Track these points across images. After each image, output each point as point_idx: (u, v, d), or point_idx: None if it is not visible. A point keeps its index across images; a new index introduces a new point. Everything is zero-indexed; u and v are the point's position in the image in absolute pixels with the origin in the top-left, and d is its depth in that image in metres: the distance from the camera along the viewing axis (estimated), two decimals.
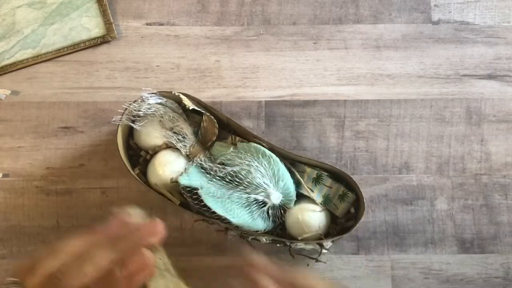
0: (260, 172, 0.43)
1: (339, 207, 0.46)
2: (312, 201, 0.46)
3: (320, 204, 0.46)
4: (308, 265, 0.47)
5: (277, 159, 0.44)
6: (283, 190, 0.44)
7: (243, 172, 0.44)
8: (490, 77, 0.52)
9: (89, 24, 0.52)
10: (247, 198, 0.44)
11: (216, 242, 0.49)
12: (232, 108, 0.51)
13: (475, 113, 0.51)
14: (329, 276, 0.49)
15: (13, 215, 0.49)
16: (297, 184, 0.46)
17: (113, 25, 0.51)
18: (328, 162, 0.48)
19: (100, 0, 0.52)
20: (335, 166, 0.46)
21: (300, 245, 0.45)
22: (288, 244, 0.45)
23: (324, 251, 0.46)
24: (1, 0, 0.52)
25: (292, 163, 0.47)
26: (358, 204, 0.46)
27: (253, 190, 0.43)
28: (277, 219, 0.46)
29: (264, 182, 0.43)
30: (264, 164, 0.43)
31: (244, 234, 0.45)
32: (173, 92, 0.46)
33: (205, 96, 0.51)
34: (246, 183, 0.43)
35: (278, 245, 0.45)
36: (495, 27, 0.53)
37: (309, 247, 0.45)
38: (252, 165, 0.43)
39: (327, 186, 0.46)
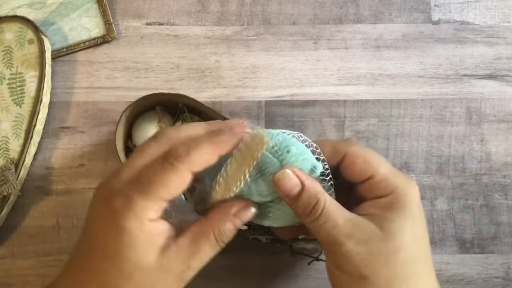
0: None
1: None
2: None
3: None
4: (309, 264, 0.47)
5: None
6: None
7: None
8: (490, 77, 0.52)
9: (89, 24, 0.52)
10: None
11: None
12: (232, 108, 0.51)
13: (475, 113, 0.51)
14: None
15: (13, 215, 0.49)
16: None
17: (113, 25, 0.51)
18: None
19: (100, 0, 0.52)
20: None
21: (301, 244, 0.45)
22: (288, 243, 0.45)
23: None
24: (1, 0, 0.52)
25: None
26: None
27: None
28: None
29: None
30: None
31: (244, 234, 0.45)
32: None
33: (205, 96, 0.51)
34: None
35: (278, 244, 0.45)
36: (495, 27, 0.53)
37: (310, 246, 0.45)
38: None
39: None
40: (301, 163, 0.34)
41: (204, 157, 0.32)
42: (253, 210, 0.34)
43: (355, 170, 0.34)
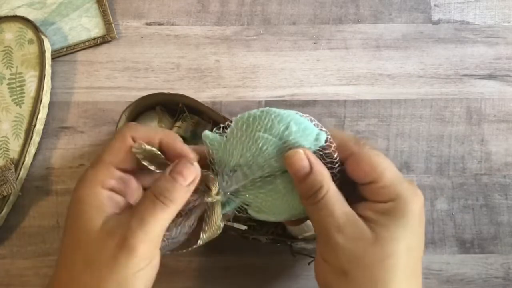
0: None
1: None
2: None
3: None
4: (309, 264, 0.47)
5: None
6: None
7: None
8: (490, 77, 0.52)
9: (89, 24, 0.52)
10: None
11: (216, 242, 0.49)
12: (232, 108, 0.51)
13: (475, 113, 0.51)
14: None
15: (13, 215, 0.49)
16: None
17: (112, 25, 0.51)
18: None
19: (100, 0, 0.52)
20: None
21: (301, 244, 0.45)
22: (288, 243, 0.45)
23: None
24: (1, 0, 0.52)
25: None
26: None
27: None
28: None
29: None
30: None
31: (244, 234, 0.45)
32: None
33: (205, 96, 0.51)
34: None
35: (278, 244, 0.45)
36: (495, 27, 0.53)
37: (309, 246, 0.45)
38: None
39: None
40: (303, 135, 0.34)
41: (146, 128, 0.35)
42: (192, 158, 0.34)
43: (358, 172, 0.34)
